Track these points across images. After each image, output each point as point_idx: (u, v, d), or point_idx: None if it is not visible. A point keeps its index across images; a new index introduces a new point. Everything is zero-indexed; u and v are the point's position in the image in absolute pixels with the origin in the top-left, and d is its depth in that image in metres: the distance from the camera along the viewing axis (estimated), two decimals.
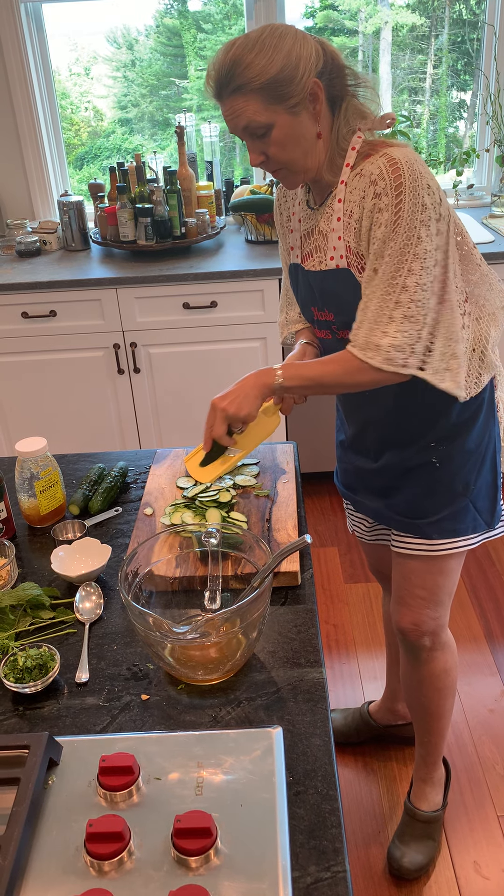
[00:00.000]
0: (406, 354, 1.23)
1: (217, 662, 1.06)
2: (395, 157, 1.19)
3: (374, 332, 1.23)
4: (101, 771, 0.90)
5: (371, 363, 1.24)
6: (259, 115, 1.20)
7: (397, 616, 1.57)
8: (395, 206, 1.18)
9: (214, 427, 1.31)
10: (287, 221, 1.45)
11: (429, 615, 1.53)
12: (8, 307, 2.68)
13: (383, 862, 1.75)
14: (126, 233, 2.77)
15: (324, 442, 2.86)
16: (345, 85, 1.25)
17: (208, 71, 1.22)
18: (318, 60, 1.20)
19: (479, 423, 1.41)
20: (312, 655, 1.12)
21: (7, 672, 1.08)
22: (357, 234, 1.26)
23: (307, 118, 1.22)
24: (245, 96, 1.19)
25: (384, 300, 1.22)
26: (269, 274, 2.62)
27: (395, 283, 1.21)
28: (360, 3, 3.20)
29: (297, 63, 1.17)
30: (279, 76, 1.17)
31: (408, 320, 1.22)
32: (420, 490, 1.45)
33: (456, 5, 3.18)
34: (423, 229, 1.19)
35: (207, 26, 3.29)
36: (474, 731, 2.04)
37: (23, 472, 1.41)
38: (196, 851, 0.82)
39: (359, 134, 1.26)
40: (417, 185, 1.18)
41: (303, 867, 0.85)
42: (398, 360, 1.23)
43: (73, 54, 3.34)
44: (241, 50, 1.18)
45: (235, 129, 1.24)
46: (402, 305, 1.21)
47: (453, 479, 1.42)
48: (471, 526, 1.45)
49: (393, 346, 1.22)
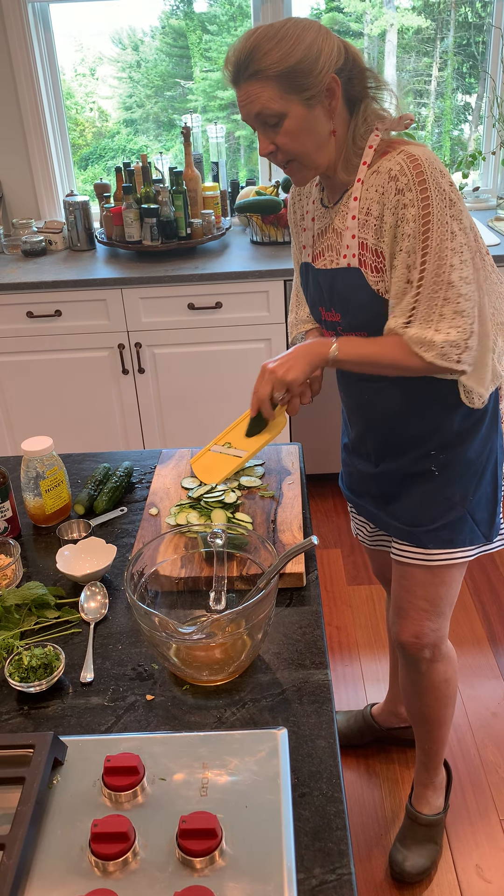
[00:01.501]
0: (461, 350, 1.23)
1: (222, 663, 1.06)
2: (415, 153, 1.19)
3: (427, 330, 1.23)
4: (105, 771, 0.90)
5: (425, 357, 1.23)
6: (273, 103, 1.19)
7: (397, 629, 1.55)
8: (421, 202, 1.18)
9: (260, 388, 1.30)
10: (300, 220, 1.45)
11: (429, 627, 1.52)
12: (13, 306, 2.68)
13: (385, 865, 1.74)
14: (132, 233, 2.77)
15: (327, 443, 2.86)
16: (365, 87, 1.25)
17: (227, 55, 1.21)
18: (338, 57, 1.19)
19: (482, 433, 1.40)
20: (317, 657, 1.12)
21: (12, 671, 1.08)
22: (378, 231, 1.25)
23: (321, 113, 1.22)
24: (261, 82, 1.18)
25: (432, 298, 1.22)
26: (275, 275, 2.62)
27: (441, 281, 1.21)
28: (366, 6, 3.20)
29: (317, 56, 1.17)
30: (298, 66, 1.17)
31: (459, 315, 1.22)
32: (418, 498, 1.44)
33: (462, 8, 3.18)
34: (456, 223, 1.20)
35: (213, 27, 3.29)
36: (477, 735, 2.04)
37: (28, 471, 1.41)
38: (201, 852, 0.82)
39: (376, 132, 1.25)
40: (440, 180, 1.18)
41: (308, 869, 0.84)
42: (452, 355, 1.23)
43: (79, 55, 3.34)
44: (262, 37, 1.18)
45: (248, 116, 1.24)
46: (450, 302, 1.21)
47: (451, 489, 1.41)
48: (468, 538, 1.44)
49: (448, 342, 1.22)
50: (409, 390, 1.35)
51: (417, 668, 1.58)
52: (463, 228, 1.21)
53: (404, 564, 1.49)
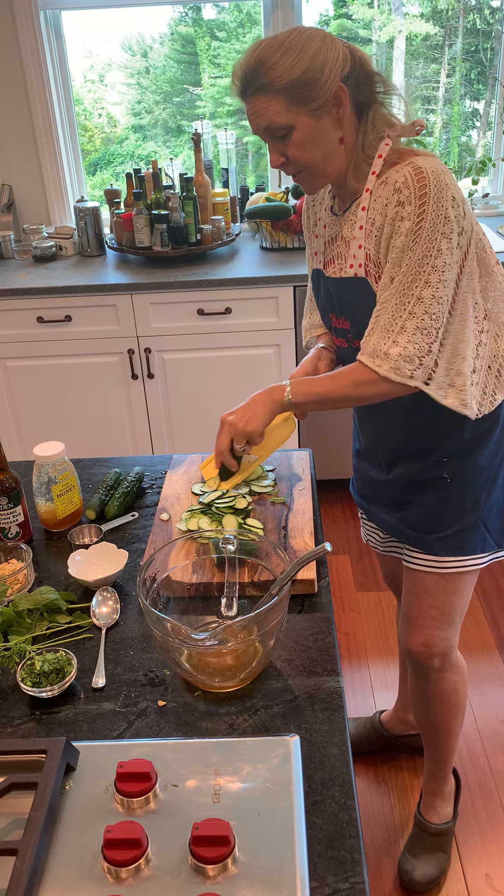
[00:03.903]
0: (414, 366, 1.23)
1: (234, 669, 1.06)
2: (422, 166, 1.19)
3: (384, 341, 1.23)
4: (118, 777, 0.90)
5: (378, 371, 1.23)
6: (280, 117, 1.19)
7: (407, 637, 1.54)
8: (417, 216, 1.18)
9: (219, 441, 1.34)
10: (313, 226, 1.46)
11: (439, 636, 1.51)
12: (24, 311, 2.69)
13: (394, 874, 1.73)
14: (142, 239, 2.78)
15: (336, 450, 2.86)
16: (373, 92, 1.24)
17: (234, 69, 1.22)
18: (344, 65, 1.19)
19: (493, 440, 1.39)
20: (329, 664, 1.12)
21: (24, 676, 1.08)
22: (377, 241, 1.26)
23: (329, 122, 1.22)
24: (268, 96, 1.19)
25: (398, 309, 1.21)
26: (284, 281, 2.62)
27: (411, 294, 1.20)
28: (374, 12, 3.21)
29: (322, 66, 1.17)
30: (303, 78, 1.16)
31: (420, 332, 1.21)
32: (430, 505, 1.43)
33: (470, 15, 3.19)
34: (444, 241, 1.19)
35: (222, 34, 3.31)
36: (486, 743, 2.03)
37: (40, 476, 1.41)
38: (214, 859, 0.82)
39: (386, 141, 1.25)
40: (442, 196, 1.18)
41: (321, 877, 0.84)
42: (405, 370, 1.23)
43: (88, 61, 3.36)
44: (267, 49, 1.18)
45: (257, 130, 1.24)
46: (415, 316, 1.21)
47: (463, 496, 1.40)
48: (479, 545, 1.43)
49: (402, 357, 1.22)
50: (421, 397, 1.35)
51: (426, 677, 1.57)
52: (451, 248, 1.19)
53: (415, 572, 1.48)
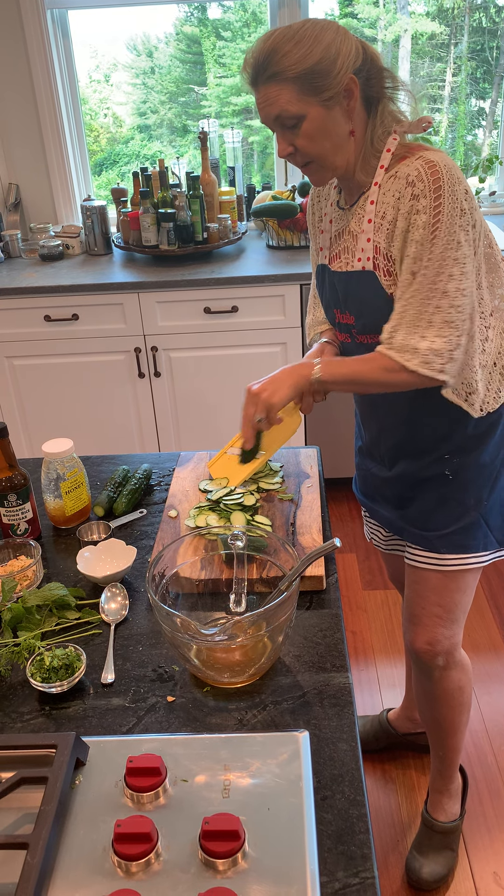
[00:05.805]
0: (444, 360, 1.23)
1: (243, 665, 1.06)
2: (433, 160, 1.19)
3: (413, 336, 1.22)
4: (128, 772, 0.90)
5: (408, 366, 1.23)
6: (291, 105, 1.19)
7: (411, 635, 1.54)
8: (433, 209, 1.18)
9: (246, 409, 1.31)
10: (319, 222, 1.46)
11: (443, 634, 1.50)
12: (31, 310, 2.70)
13: (402, 872, 1.73)
14: (148, 237, 2.79)
15: (342, 448, 2.86)
16: (382, 87, 1.25)
17: (246, 58, 1.22)
18: (356, 58, 1.19)
19: (496, 437, 1.39)
20: (338, 660, 1.12)
21: (34, 671, 1.08)
22: (389, 235, 1.25)
23: (340, 114, 1.22)
24: (279, 85, 1.19)
25: (424, 304, 1.21)
26: (290, 279, 2.62)
27: (436, 288, 1.20)
28: (380, 11, 3.21)
29: (335, 57, 1.17)
30: (316, 67, 1.17)
31: (448, 326, 1.21)
32: (432, 502, 1.43)
33: (476, 13, 3.18)
34: (463, 234, 1.19)
35: (227, 34, 3.31)
36: (494, 741, 2.03)
37: (49, 472, 1.41)
38: (224, 854, 0.82)
39: (394, 136, 1.25)
40: (456, 189, 1.18)
41: (331, 872, 0.84)
42: (436, 364, 1.23)
43: (94, 61, 3.37)
44: (280, 39, 1.18)
45: (267, 119, 1.24)
46: (442, 310, 1.21)
47: (465, 493, 1.40)
48: (482, 543, 1.43)
49: (431, 351, 1.22)
50: (424, 394, 1.35)
51: (430, 675, 1.57)
52: (468, 240, 1.20)
53: (418, 569, 1.48)
